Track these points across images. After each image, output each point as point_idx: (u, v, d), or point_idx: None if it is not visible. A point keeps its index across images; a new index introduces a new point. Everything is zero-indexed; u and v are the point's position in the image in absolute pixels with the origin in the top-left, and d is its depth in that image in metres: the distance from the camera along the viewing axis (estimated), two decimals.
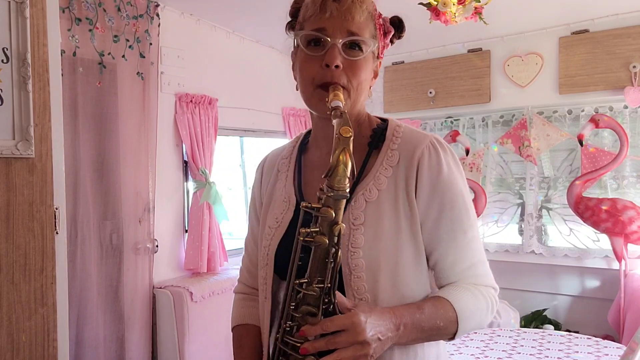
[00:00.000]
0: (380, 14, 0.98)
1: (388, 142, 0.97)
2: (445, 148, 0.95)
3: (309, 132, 1.09)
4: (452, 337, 0.92)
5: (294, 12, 1.00)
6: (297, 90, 1.00)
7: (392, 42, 1.02)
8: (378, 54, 0.99)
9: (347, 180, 0.80)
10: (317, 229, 0.81)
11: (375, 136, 0.99)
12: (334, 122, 0.83)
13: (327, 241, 0.80)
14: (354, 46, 0.92)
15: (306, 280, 0.82)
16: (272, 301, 1.00)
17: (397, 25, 1.00)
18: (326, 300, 0.81)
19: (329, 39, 0.90)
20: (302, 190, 1.01)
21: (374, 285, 0.89)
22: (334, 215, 0.80)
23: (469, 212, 0.94)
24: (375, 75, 1.01)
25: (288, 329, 0.84)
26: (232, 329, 1.13)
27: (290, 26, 1.01)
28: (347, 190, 0.81)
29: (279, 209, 1.02)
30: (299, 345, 0.82)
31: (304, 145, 1.08)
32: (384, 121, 1.02)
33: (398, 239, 0.90)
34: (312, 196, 0.97)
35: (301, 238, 0.81)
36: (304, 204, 0.82)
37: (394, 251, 0.90)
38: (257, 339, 1.07)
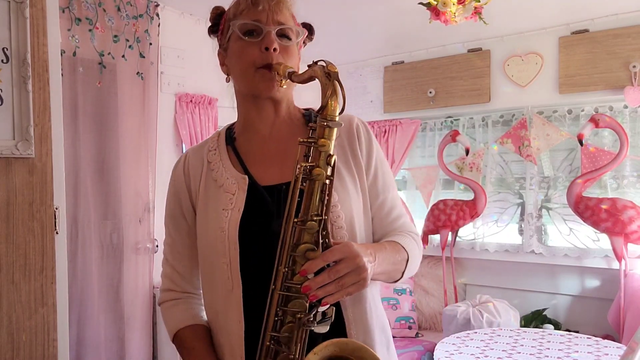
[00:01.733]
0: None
1: None
2: (368, 125, 1.12)
3: (229, 127, 1.15)
4: (401, 277, 1.04)
5: (215, 17, 1.13)
6: (227, 82, 1.11)
7: (304, 43, 1.13)
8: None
9: (338, 112, 0.89)
10: (313, 164, 0.88)
11: (309, 118, 1.10)
12: (313, 68, 0.91)
13: (325, 173, 0.88)
14: (284, 35, 1.02)
15: (302, 218, 0.88)
16: (242, 287, 0.98)
17: (308, 28, 1.12)
18: (323, 233, 0.88)
19: (264, 27, 1.00)
20: (249, 172, 1.05)
21: (352, 234, 1.00)
22: (330, 145, 0.88)
23: (391, 175, 1.13)
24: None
25: (286, 273, 0.88)
26: (173, 338, 1.08)
27: (213, 31, 1.14)
28: (339, 121, 0.89)
29: (229, 191, 1.02)
30: (299, 286, 0.86)
31: (230, 137, 1.12)
32: (308, 109, 1.14)
33: (357, 194, 1.04)
34: (262, 175, 1.04)
35: (299, 174, 0.88)
36: (301, 139, 0.89)
37: (359, 204, 1.04)
38: (209, 339, 1.05)
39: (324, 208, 0.88)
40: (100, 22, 2.53)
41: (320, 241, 0.88)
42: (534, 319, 3.26)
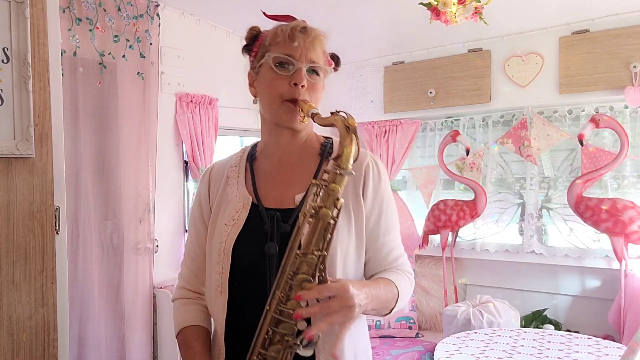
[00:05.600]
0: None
1: None
2: (381, 164, 1.17)
3: (254, 145, 1.24)
4: (389, 312, 1.10)
5: (250, 38, 1.18)
6: (254, 103, 1.19)
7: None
8: None
9: (351, 162, 0.96)
10: (321, 204, 0.95)
11: (324, 148, 1.17)
12: (335, 117, 0.99)
13: (331, 214, 0.94)
14: (313, 71, 1.10)
15: (304, 251, 0.95)
16: (228, 294, 1.08)
17: (335, 60, 1.19)
18: (321, 267, 0.95)
19: (297, 63, 1.07)
20: (257, 193, 1.14)
21: (331, 270, 1.04)
22: (340, 190, 0.95)
23: (396, 215, 1.18)
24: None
25: (281, 297, 0.95)
26: (178, 334, 1.19)
27: (247, 50, 1.19)
28: (351, 170, 0.96)
29: (234, 209, 1.13)
30: (292, 312, 0.94)
31: (252, 155, 1.22)
32: (327, 138, 1.20)
33: (349, 233, 1.08)
34: (266, 198, 1.13)
35: (307, 212, 0.94)
36: (315, 181, 0.97)
37: (346, 243, 1.08)
38: (207, 341, 1.16)
39: (325, 245, 0.95)
40: (100, 22, 2.53)
41: (317, 274, 0.95)
42: (534, 319, 3.26)
